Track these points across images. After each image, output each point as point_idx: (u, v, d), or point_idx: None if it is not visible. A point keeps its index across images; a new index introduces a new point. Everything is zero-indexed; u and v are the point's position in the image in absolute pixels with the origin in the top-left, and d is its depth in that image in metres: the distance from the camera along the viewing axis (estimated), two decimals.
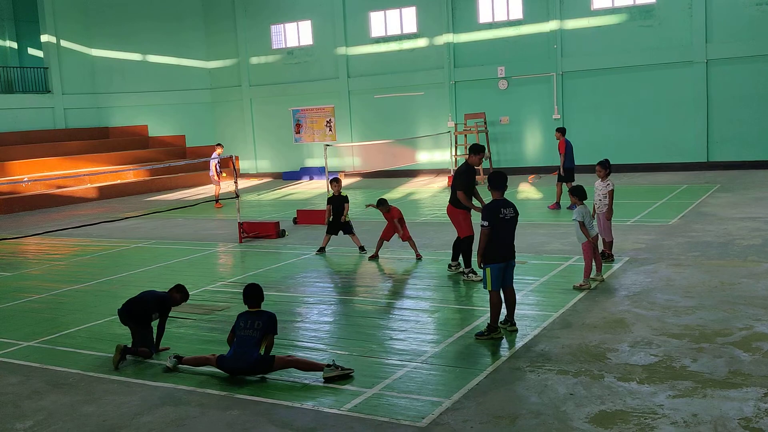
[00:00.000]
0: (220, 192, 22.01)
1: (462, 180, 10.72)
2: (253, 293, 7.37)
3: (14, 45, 34.25)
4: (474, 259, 11.35)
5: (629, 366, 6.84)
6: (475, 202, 11.00)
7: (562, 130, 17.82)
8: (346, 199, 13.48)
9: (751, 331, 7.65)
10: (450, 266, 11.40)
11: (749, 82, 23.36)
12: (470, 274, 10.69)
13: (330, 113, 30.82)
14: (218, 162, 21.42)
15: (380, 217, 13.18)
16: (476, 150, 10.73)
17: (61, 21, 30.84)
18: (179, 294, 8.37)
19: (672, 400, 6.02)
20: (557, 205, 17.24)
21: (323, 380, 6.87)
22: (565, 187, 16.08)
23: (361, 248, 13.37)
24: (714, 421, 5.57)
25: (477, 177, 11.67)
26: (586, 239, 9.88)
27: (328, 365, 6.98)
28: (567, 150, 17.32)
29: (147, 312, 8.05)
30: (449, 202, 11.20)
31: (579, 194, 10.26)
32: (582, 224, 9.89)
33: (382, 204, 12.77)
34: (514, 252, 8.10)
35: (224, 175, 22.34)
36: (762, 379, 6.32)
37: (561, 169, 17.29)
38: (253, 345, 7.04)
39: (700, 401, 5.96)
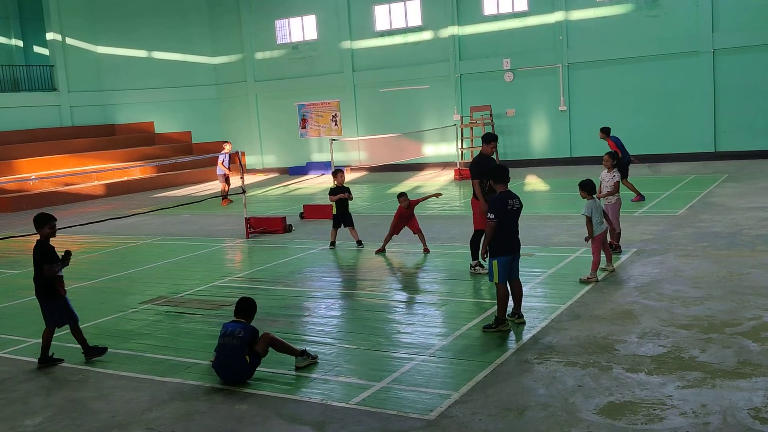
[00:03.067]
0: (226, 189, 21.90)
1: (475, 170, 10.61)
2: (242, 307, 7.16)
3: (20, 43, 34.32)
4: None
5: (638, 357, 6.82)
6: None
7: (606, 130, 16.93)
8: (347, 190, 13.53)
9: (760, 321, 7.61)
10: (471, 266, 11.03)
11: (756, 71, 23.22)
12: (477, 267, 10.67)
13: (335, 108, 30.80)
14: (228, 158, 21.34)
15: (385, 211, 13.14)
16: (487, 139, 10.63)
17: (66, 18, 30.90)
18: (41, 227, 7.80)
19: (681, 390, 6.00)
20: (641, 197, 16.20)
21: (295, 369, 7.03)
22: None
23: (359, 242, 13.39)
24: (723, 412, 5.55)
25: None
26: (597, 232, 9.83)
27: (302, 353, 7.10)
28: (618, 146, 16.48)
29: (36, 267, 7.75)
30: (473, 195, 11.03)
31: (588, 189, 10.18)
32: (589, 220, 9.85)
33: (402, 196, 12.74)
34: (520, 244, 8.08)
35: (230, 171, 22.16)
36: None
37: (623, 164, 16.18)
38: (232, 353, 6.82)
39: (709, 392, 5.94)
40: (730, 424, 5.36)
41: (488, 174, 8.10)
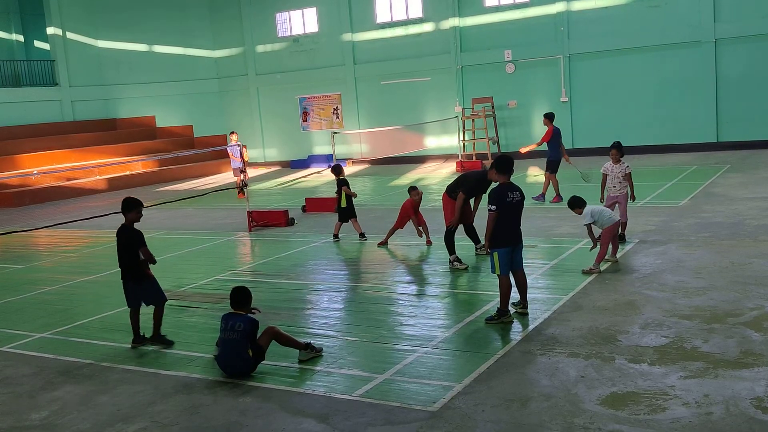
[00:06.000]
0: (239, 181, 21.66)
1: (472, 187, 10.72)
2: (236, 297, 7.16)
3: (20, 38, 34.28)
4: (471, 245, 11.46)
5: (640, 348, 6.83)
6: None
7: (550, 116, 16.06)
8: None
9: (762, 311, 7.62)
10: (477, 248, 11.45)
11: (758, 60, 23.15)
12: (455, 263, 10.67)
13: (337, 100, 30.78)
14: (237, 149, 21.04)
15: (387, 203, 13.13)
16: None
17: (67, 13, 30.85)
18: (129, 212, 8.17)
19: (683, 381, 6.02)
20: (559, 198, 15.79)
21: (298, 362, 7.08)
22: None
23: (362, 235, 13.43)
24: (726, 402, 5.57)
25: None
26: (609, 224, 9.82)
27: (306, 347, 7.16)
28: (554, 138, 15.85)
29: (128, 251, 8.04)
30: (446, 191, 11.05)
31: (579, 205, 10.17)
32: (590, 228, 9.94)
33: (414, 190, 12.72)
34: (521, 236, 8.08)
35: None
36: None
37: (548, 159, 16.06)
38: (234, 347, 6.84)
39: (712, 382, 5.95)
40: (733, 413, 5.38)
41: (494, 164, 8.06)
